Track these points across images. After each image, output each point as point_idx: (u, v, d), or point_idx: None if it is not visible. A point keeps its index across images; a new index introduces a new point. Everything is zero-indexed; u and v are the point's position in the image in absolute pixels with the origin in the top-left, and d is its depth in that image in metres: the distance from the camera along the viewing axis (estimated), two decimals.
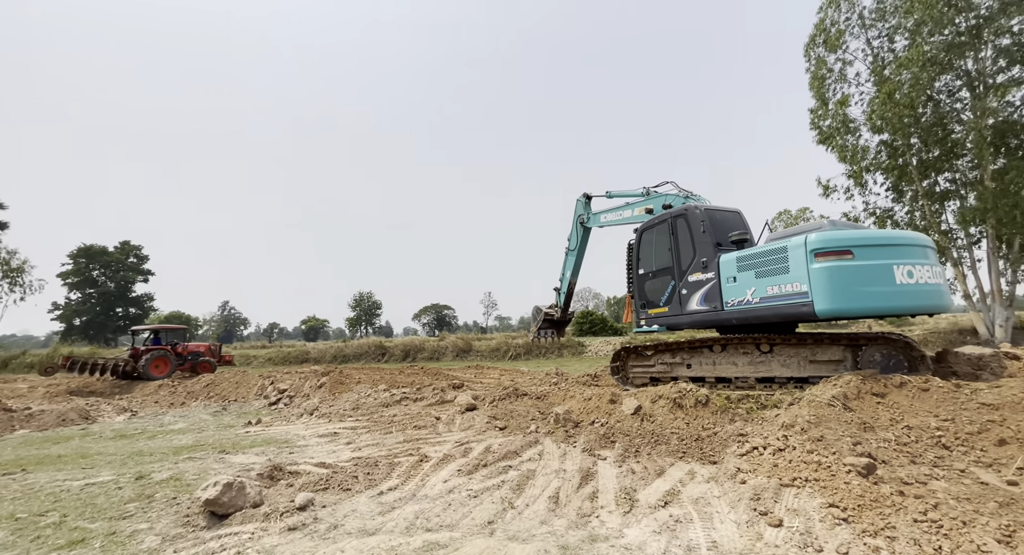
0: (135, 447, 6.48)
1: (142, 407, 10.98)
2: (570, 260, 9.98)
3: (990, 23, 15.03)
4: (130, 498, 4.12)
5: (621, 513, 3.26)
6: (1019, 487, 2.97)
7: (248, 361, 26.91)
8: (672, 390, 5.28)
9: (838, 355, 5.76)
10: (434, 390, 8.95)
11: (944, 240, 16.66)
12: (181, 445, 6.50)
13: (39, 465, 5.49)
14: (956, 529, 2.39)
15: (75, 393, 13.32)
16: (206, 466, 5.15)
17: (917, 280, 5.20)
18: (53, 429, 8.26)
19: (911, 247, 5.44)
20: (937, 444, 3.52)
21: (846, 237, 5.30)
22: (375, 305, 72.41)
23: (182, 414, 9.75)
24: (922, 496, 2.75)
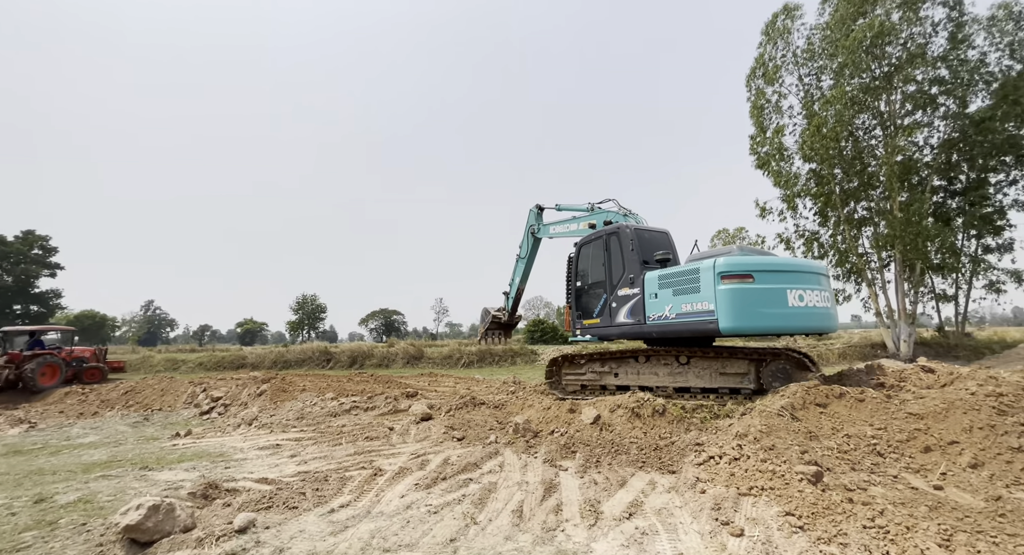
0: (34, 465, 5.66)
1: (43, 418, 9.67)
2: (520, 267, 10.41)
3: (900, 71, 16.99)
4: (27, 526, 3.56)
5: (587, 526, 3.23)
6: (943, 491, 3.26)
7: (175, 366, 24.64)
8: (630, 400, 5.38)
9: (743, 369, 6.29)
10: (386, 399, 8.58)
11: (860, 262, 18.44)
12: (93, 461, 5.76)
13: None
14: (901, 534, 2.56)
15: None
16: (124, 485, 4.57)
17: (807, 303, 5.81)
18: None
19: (804, 274, 6.07)
20: (873, 451, 3.80)
21: (748, 262, 5.86)
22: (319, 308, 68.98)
23: (94, 425, 8.68)
24: (868, 503, 2.93)
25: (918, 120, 17.46)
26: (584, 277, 7.89)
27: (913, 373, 4.86)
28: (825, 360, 18.88)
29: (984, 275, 18.55)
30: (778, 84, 19.81)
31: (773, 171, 19.59)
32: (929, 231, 16.11)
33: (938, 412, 3.93)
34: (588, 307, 7.71)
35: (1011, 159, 17.39)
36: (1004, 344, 18.32)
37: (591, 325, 7.58)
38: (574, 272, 8.08)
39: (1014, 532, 2.73)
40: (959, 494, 3.26)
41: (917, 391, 4.39)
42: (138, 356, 27.89)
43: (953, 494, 3.26)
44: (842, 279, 19.48)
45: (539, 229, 9.95)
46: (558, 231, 9.53)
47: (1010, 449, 3.58)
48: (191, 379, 13.55)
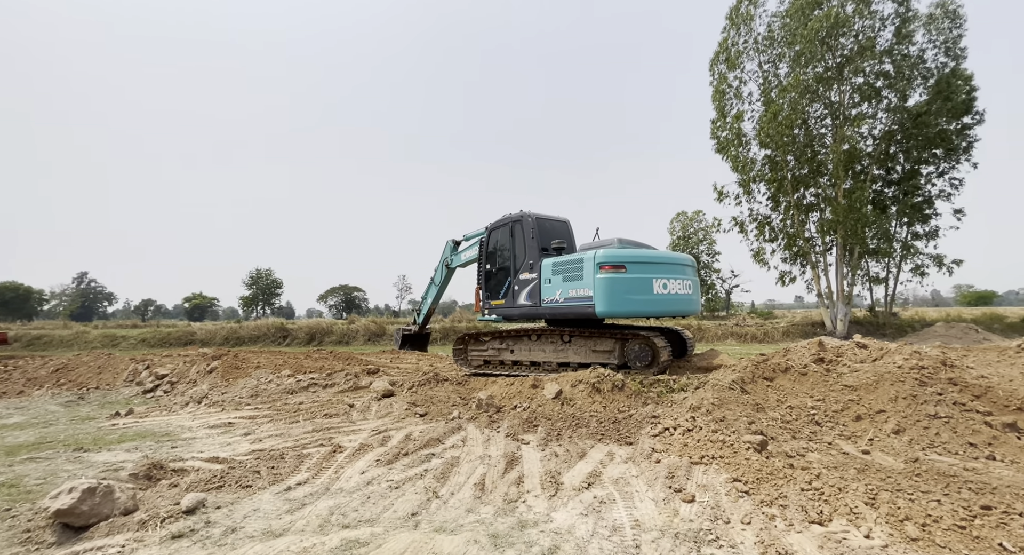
0: None
1: None
2: (432, 291, 11.25)
3: (850, 62, 17.74)
4: None
5: (547, 497, 3.31)
6: (870, 455, 3.56)
7: (114, 342, 23.06)
8: (591, 375, 5.51)
9: (610, 346, 7.01)
10: (347, 375, 8.39)
11: (807, 246, 19.58)
12: (18, 443, 5.32)
13: None
14: (834, 495, 2.78)
15: None
16: (55, 467, 4.26)
17: (670, 291, 6.73)
18: None
19: (670, 265, 6.93)
20: (812, 421, 4.09)
21: (623, 254, 6.60)
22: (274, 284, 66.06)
23: (19, 405, 8.00)
24: (806, 468, 3.17)
25: (864, 111, 18.40)
26: (492, 261, 8.47)
27: (849, 349, 5.25)
28: (770, 337, 20.15)
29: (911, 260, 20.16)
30: (739, 69, 20.25)
31: (731, 156, 20.22)
32: (868, 218, 17.25)
33: (869, 384, 4.28)
34: (495, 289, 8.29)
35: (941, 152, 18.74)
36: (924, 323, 20.18)
37: (497, 306, 8.19)
38: (484, 255, 8.64)
39: (927, 489, 3.03)
40: (883, 458, 3.58)
41: (852, 365, 4.75)
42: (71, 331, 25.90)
43: (878, 458, 3.57)
44: (789, 261, 20.65)
45: (452, 260, 10.83)
46: (465, 258, 10.37)
47: (928, 416, 3.95)
48: (132, 356, 12.73)
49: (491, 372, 7.94)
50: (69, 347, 22.26)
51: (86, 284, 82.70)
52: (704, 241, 36.04)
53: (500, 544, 2.64)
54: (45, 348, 22.72)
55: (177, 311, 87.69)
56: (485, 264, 8.58)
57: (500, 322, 8.44)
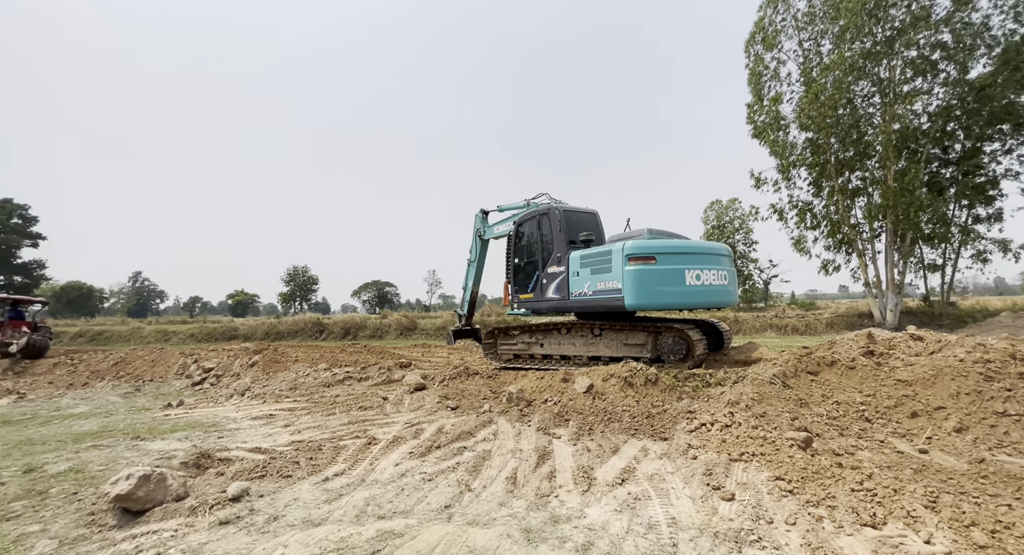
0: (23, 435, 5.61)
1: (32, 388, 9.60)
2: (471, 271, 10.86)
3: (902, 35, 16.50)
4: (16, 495, 3.53)
5: (580, 492, 3.26)
6: (929, 455, 3.33)
7: (166, 337, 24.53)
8: (624, 369, 5.40)
9: (642, 340, 6.84)
10: (380, 369, 8.59)
11: (852, 233, 18.51)
12: (83, 431, 5.72)
13: None
14: (888, 497, 2.61)
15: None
16: (116, 455, 4.55)
17: (703, 282, 6.46)
18: None
19: (704, 255, 6.68)
20: (861, 417, 3.86)
21: (652, 245, 6.43)
22: (311, 280, 68.41)
23: (84, 396, 8.63)
24: (856, 467, 2.98)
25: (918, 87, 17.11)
26: (521, 255, 8.40)
27: (902, 341, 4.91)
28: (813, 329, 19.24)
29: (972, 245, 18.72)
30: (777, 50, 19.22)
31: (769, 140, 19.30)
32: (922, 201, 16.10)
33: (926, 378, 3.99)
34: (523, 283, 8.22)
35: (1008, 127, 17.20)
36: (986, 313, 18.74)
37: (526, 300, 8.14)
38: (512, 250, 8.59)
39: (996, 493, 2.80)
40: (944, 457, 3.33)
41: (906, 358, 4.44)
42: (128, 327, 27.68)
43: (938, 458, 3.33)
44: (832, 250, 19.59)
45: (484, 231, 10.55)
46: (500, 231, 10.08)
47: (995, 413, 3.65)
48: (182, 350, 13.47)
49: (521, 366, 7.93)
50: (126, 342, 23.82)
51: (140, 283, 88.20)
52: (740, 230, 34.70)
53: (533, 539, 2.62)
54: (106, 343, 24.41)
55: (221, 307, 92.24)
56: (513, 258, 8.53)
57: (529, 316, 8.40)
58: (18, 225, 48.73)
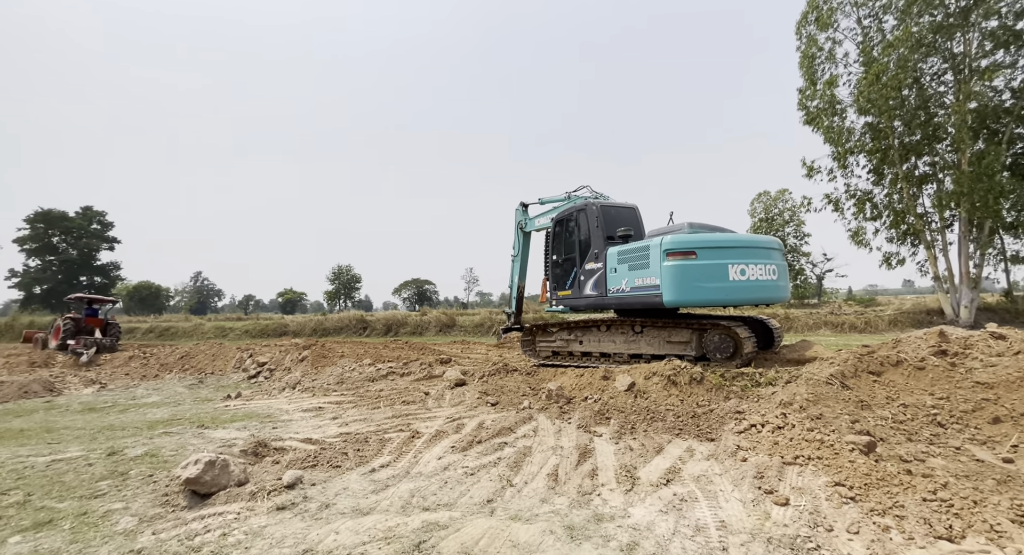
0: (105, 421, 6.16)
1: (112, 379, 10.52)
2: (516, 266, 10.76)
3: (979, 5, 14.99)
4: (102, 475, 3.88)
5: (623, 491, 3.21)
6: (1015, 464, 3.03)
7: (224, 333, 26.21)
8: (667, 367, 5.26)
9: (686, 337, 6.63)
10: (421, 365, 8.80)
11: (919, 223, 17.09)
12: (156, 419, 6.21)
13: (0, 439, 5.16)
14: (967, 508, 2.40)
15: (38, 364, 12.68)
16: (184, 441, 4.91)
17: (749, 277, 6.15)
18: (14, 401, 7.83)
19: (750, 249, 6.39)
20: (932, 422, 3.56)
21: (692, 240, 6.22)
22: (354, 279, 71.09)
23: (156, 387, 9.37)
24: (929, 475, 2.76)
25: (999, 61, 15.51)
26: (559, 251, 8.35)
27: (980, 340, 4.48)
28: (873, 327, 17.96)
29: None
30: (832, 29, 17.99)
31: (823, 127, 18.11)
32: (1003, 186, 14.62)
33: (1011, 381, 3.62)
34: (561, 280, 8.16)
35: None
36: None
37: (563, 297, 8.07)
38: (550, 246, 8.54)
39: None
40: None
41: (986, 359, 4.05)
42: (190, 324, 29.76)
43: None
44: (896, 241, 18.18)
45: (526, 223, 10.48)
46: (541, 223, 10.01)
47: None
48: (239, 345, 14.35)
49: (560, 363, 7.89)
50: (189, 337, 25.66)
51: (200, 282, 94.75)
52: (791, 222, 32.87)
53: (576, 536, 2.61)
54: (172, 338, 26.39)
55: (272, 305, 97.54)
56: (551, 254, 8.49)
57: (567, 313, 8.34)
58: (97, 230, 53.53)
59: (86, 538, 2.80)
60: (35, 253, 50.35)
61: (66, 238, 51.64)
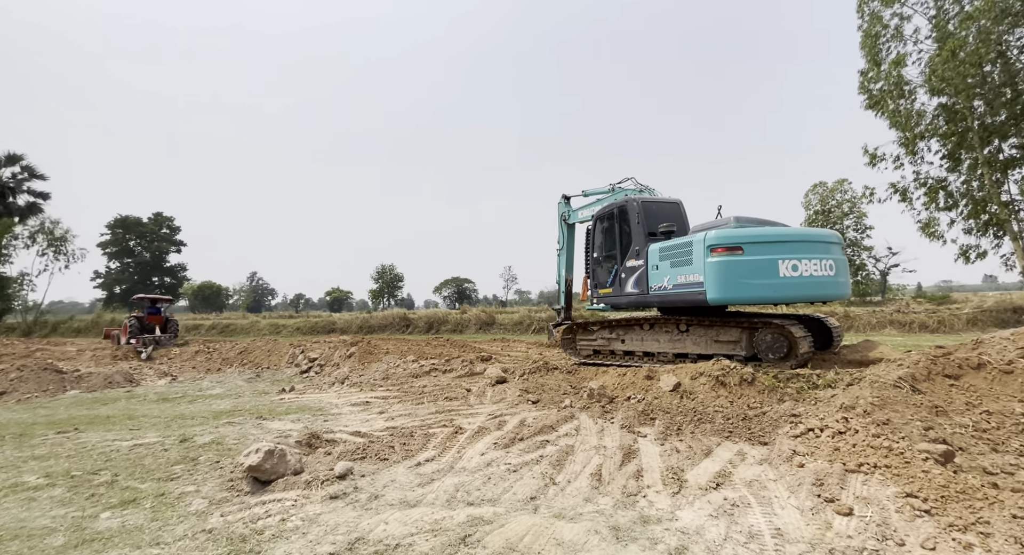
0: (177, 410, 6.68)
1: (181, 372, 11.39)
2: (562, 259, 10.53)
3: None
4: (176, 460, 4.20)
5: (670, 494, 3.13)
6: None
7: (277, 330, 27.75)
8: (715, 367, 5.07)
9: (735, 336, 6.38)
10: (463, 362, 8.94)
11: (1004, 212, 15.49)
12: (220, 410, 6.67)
13: (90, 425, 5.71)
14: None
15: (119, 357, 13.94)
16: (245, 431, 5.24)
17: (802, 273, 5.83)
18: (101, 391, 8.64)
19: (804, 243, 6.04)
20: (1023, 431, 3.23)
21: (738, 234, 5.96)
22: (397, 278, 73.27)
23: (219, 380, 10.06)
24: (1020, 489, 2.50)
25: None
26: (599, 249, 8.25)
27: None
28: (948, 326, 16.48)
29: None
30: (899, 4, 16.60)
31: (889, 111, 16.79)
32: None
33: None
34: (602, 278, 8.06)
35: None
36: None
37: (604, 295, 7.95)
38: (591, 244, 8.44)
39: None
40: None
41: None
42: (247, 321, 31.70)
43: None
44: (975, 233, 16.58)
45: (570, 215, 10.30)
46: (585, 215, 9.84)
47: None
48: (291, 342, 15.15)
49: (601, 362, 7.78)
50: (246, 333, 27.34)
51: (256, 282, 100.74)
52: (850, 214, 30.68)
53: (622, 537, 2.56)
54: (231, 334, 28.23)
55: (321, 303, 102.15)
56: (592, 252, 8.41)
57: (608, 311, 8.22)
58: (166, 234, 58.13)
59: (164, 517, 3.05)
60: (115, 256, 55.34)
61: (141, 242, 56.41)
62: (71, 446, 4.72)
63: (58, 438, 5.05)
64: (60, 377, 8.95)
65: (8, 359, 12.81)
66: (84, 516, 3.08)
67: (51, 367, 9.41)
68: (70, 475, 3.85)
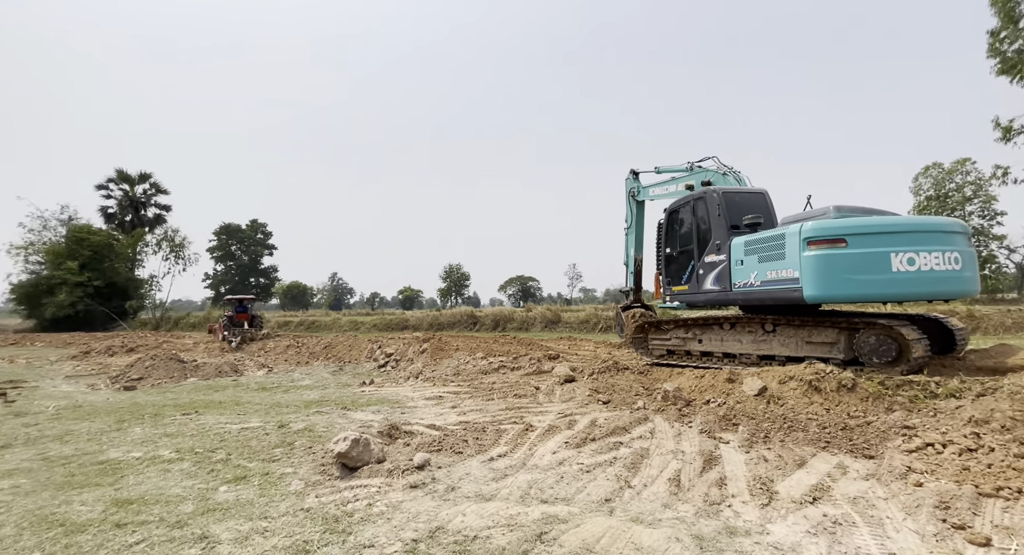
0: (274, 399, 7.39)
1: (275, 364, 12.60)
2: (630, 238, 9.95)
3: None
4: (276, 444, 4.65)
5: (759, 505, 2.91)
6: None
7: (356, 327, 29.75)
8: (807, 371, 4.63)
9: (832, 338, 5.81)
10: (530, 360, 9.00)
11: None
12: (309, 400, 7.27)
13: (206, 408, 6.49)
14: None
15: (226, 350, 15.74)
16: (332, 420, 5.67)
17: (919, 267, 5.20)
18: (213, 379, 9.79)
19: (921, 234, 5.38)
20: None
21: (841, 225, 5.40)
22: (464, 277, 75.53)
23: (307, 372, 10.99)
24: None
25: None
26: (673, 243, 7.89)
27: None
28: None
29: None
30: None
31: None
32: None
33: None
34: (677, 273, 7.74)
35: None
36: None
37: (679, 292, 7.64)
38: (664, 238, 8.11)
39: None
40: None
41: None
42: (330, 318, 34.32)
43: None
44: None
45: (639, 191, 9.70)
46: (657, 192, 9.29)
47: None
48: (369, 337, 16.14)
49: (675, 363, 7.43)
50: (329, 330, 29.60)
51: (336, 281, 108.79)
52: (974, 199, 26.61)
53: (706, 548, 2.43)
54: (316, 330, 30.70)
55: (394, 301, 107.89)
56: (665, 247, 8.05)
57: (683, 309, 7.83)
58: (261, 239, 64.64)
59: (270, 494, 3.39)
60: (220, 259, 62.60)
61: (240, 246, 63.29)
62: (193, 426, 5.40)
63: (183, 419, 5.80)
64: (182, 366, 10.29)
65: (143, 349, 14.96)
66: (207, 488, 3.51)
67: (175, 357, 10.85)
68: (194, 452, 4.41)
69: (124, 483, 3.67)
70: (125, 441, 4.86)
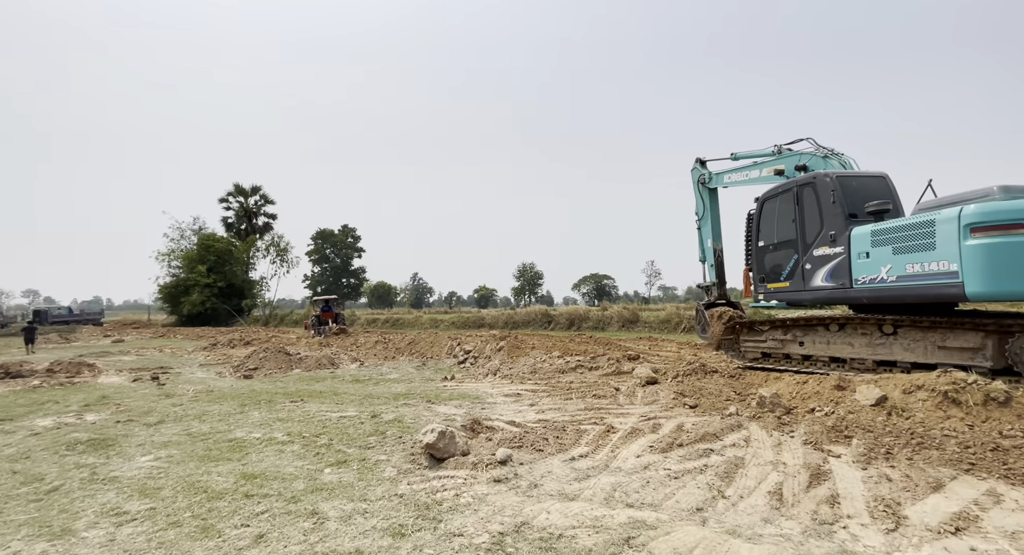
0: (366, 391, 7.98)
1: (366, 358, 13.61)
2: (705, 229, 9.22)
3: None
4: (370, 432, 5.02)
5: (883, 530, 2.57)
6: None
7: (436, 324, 31.19)
8: (942, 380, 4.00)
9: (975, 342, 4.98)
10: (609, 360, 8.79)
11: None
12: (397, 392, 7.75)
13: (310, 397, 7.19)
14: None
15: (324, 345, 17.33)
16: (418, 412, 5.99)
17: None
18: (313, 370, 10.83)
19: None
20: None
21: (1017, 208, 4.55)
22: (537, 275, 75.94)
23: (394, 366, 11.73)
24: None
25: None
26: (768, 236, 7.18)
27: None
28: None
29: None
30: None
31: None
32: None
33: None
34: (774, 269, 7.07)
35: None
36: None
37: (777, 289, 6.98)
38: (755, 231, 7.43)
39: None
40: None
41: None
42: (412, 316, 36.28)
43: None
44: None
45: (710, 178, 8.88)
46: (735, 179, 8.43)
47: None
48: (449, 335, 16.82)
49: (773, 366, 6.81)
50: (411, 327, 31.31)
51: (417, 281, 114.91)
52: None
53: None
54: (400, 327, 32.65)
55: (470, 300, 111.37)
56: (757, 240, 7.38)
57: (781, 308, 7.13)
58: (351, 243, 70.23)
59: (367, 478, 3.67)
60: (316, 262, 69.08)
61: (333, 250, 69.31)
62: (300, 413, 6.01)
63: (292, 406, 6.48)
64: (288, 358, 11.51)
65: (256, 343, 16.98)
66: (314, 469, 3.89)
67: (283, 350, 12.17)
68: (302, 436, 4.90)
69: (248, 459, 4.20)
70: (247, 423, 5.55)
